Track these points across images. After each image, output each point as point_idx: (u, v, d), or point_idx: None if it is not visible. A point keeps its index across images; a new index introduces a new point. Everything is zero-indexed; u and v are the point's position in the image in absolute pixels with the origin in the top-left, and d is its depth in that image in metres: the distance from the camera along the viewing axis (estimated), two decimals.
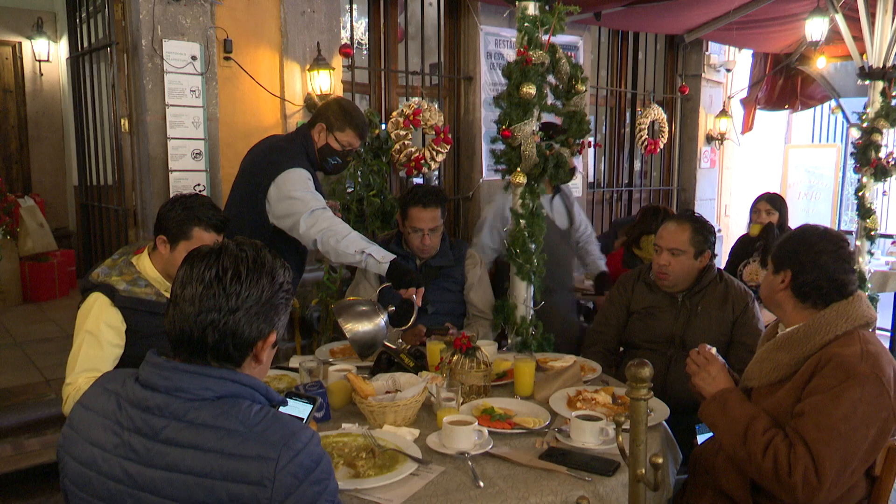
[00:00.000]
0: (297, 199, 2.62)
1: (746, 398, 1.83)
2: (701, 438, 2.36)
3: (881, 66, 4.90)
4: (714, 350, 1.97)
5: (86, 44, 4.44)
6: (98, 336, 2.09)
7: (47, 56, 6.78)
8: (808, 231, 1.91)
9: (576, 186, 6.06)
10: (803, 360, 1.76)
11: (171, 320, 1.22)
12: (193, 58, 3.70)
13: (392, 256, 2.52)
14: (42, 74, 6.86)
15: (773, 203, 4.23)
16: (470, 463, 1.72)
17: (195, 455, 1.12)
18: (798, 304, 1.84)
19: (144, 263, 2.22)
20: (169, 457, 1.13)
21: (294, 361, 2.45)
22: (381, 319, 2.32)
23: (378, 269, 2.51)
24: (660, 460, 1.39)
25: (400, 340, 2.47)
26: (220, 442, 1.13)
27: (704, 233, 2.66)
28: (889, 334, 5.39)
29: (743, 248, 4.26)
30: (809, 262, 1.81)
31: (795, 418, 1.67)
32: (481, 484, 1.63)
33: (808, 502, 1.61)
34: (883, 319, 4.90)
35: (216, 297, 1.19)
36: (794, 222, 4.09)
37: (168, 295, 2.08)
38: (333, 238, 2.54)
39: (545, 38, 2.74)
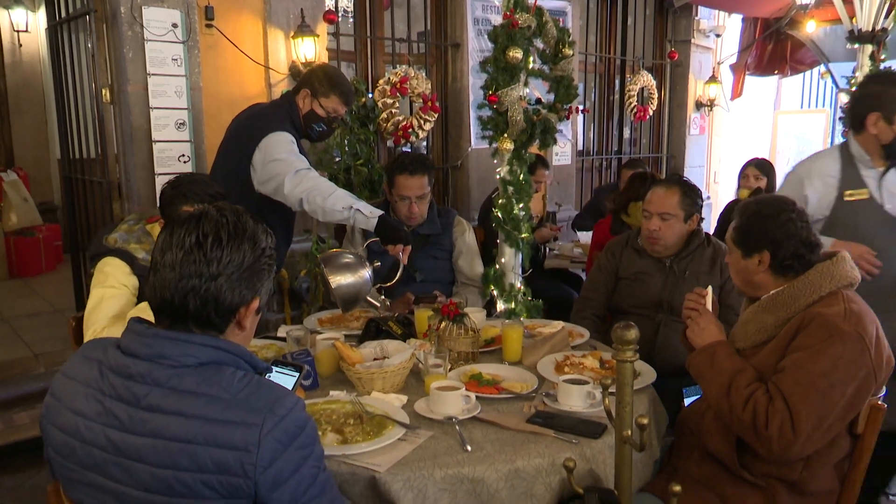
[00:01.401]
0: (281, 161, 2.59)
1: (735, 352, 1.83)
2: (688, 402, 2.37)
3: (870, 29, 4.87)
4: (710, 290, 1.96)
5: (64, 12, 4.33)
6: (120, 293, 2.08)
7: (26, 26, 6.64)
8: (762, 206, 1.89)
9: (565, 155, 6.04)
10: (787, 320, 1.77)
11: (151, 287, 1.20)
12: (174, 25, 3.63)
13: (380, 212, 2.49)
14: (21, 45, 6.73)
15: (761, 168, 4.24)
16: (458, 427, 1.72)
17: (179, 421, 1.12)
18: (779, 278, 1.84)
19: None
20: (152, 424, 1.13)
21: (282, 331, 2.44)
22: (366, 273, 2.31)
23: (367, 225, 2.48)
24: (645, 421, 1.40)
25: (383, 297, 2.48)
26: (203, 408, 1.12)
27: (693, 196, 2.67)
28: None
29: (731, 214, 4.26)
30: (783, 235, 1.81)
31: (777, 374, 1.69)
32: (469, 448, 1.64)
33: (783, 455, 1.62)
34: None
35: (197, 263, 1.17)
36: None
37: None
38: (320, 196, 2.50)
39: (531, 1, 2.70)
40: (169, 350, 1.17)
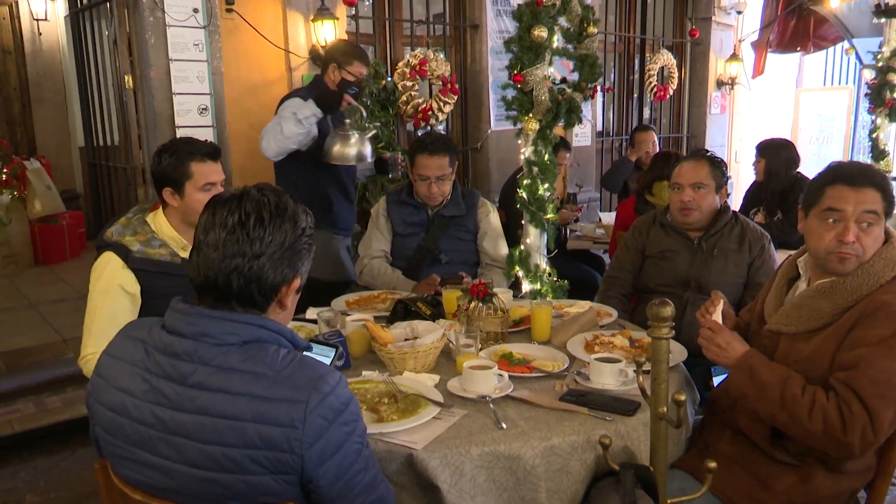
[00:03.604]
0: (273, 122, 3.13)
1: (768, 359, 1.75)
2: (717, 380, 2.37)
3: None
4: (720, 301, 1.89)
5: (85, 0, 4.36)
6: (114, 297, 2.06)
7: (45, 15, 6.65)
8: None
9: (585, 136, 6.00)
10: (847, 308, 1.70)
11: (194, 266, 1.21)
12: (195, 10, 3.64)
13: (309, 100, 3.15)
14: (41, 34, 6.75)
15: (758, 151, 4.12)
16: (492, 406, 1.73)
17: (225, 398, 1.13)
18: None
19: (160, 221, 2.16)
20: (199, 401, 1.14)
21: (311, 313, 2.46)
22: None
23: (318, 114, 3.11)
24: (682, 397, 1.39)
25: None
26: (248, 386, 1.14)
27: (721, 167, 2.68)
28: None
29: (756, 195, 4.23)
30: None
31: (845, 371, 1.62)
32: (504, 425, 1.65)
33: (862, 454, 1.60)
34: None
35: (240, 243, 1.18)
36: (804, 168, 4.01)
37: (183, 254, 2.08)
38: (280, 133, 3.04)
39: None
40: (213, 328, 1.18)
